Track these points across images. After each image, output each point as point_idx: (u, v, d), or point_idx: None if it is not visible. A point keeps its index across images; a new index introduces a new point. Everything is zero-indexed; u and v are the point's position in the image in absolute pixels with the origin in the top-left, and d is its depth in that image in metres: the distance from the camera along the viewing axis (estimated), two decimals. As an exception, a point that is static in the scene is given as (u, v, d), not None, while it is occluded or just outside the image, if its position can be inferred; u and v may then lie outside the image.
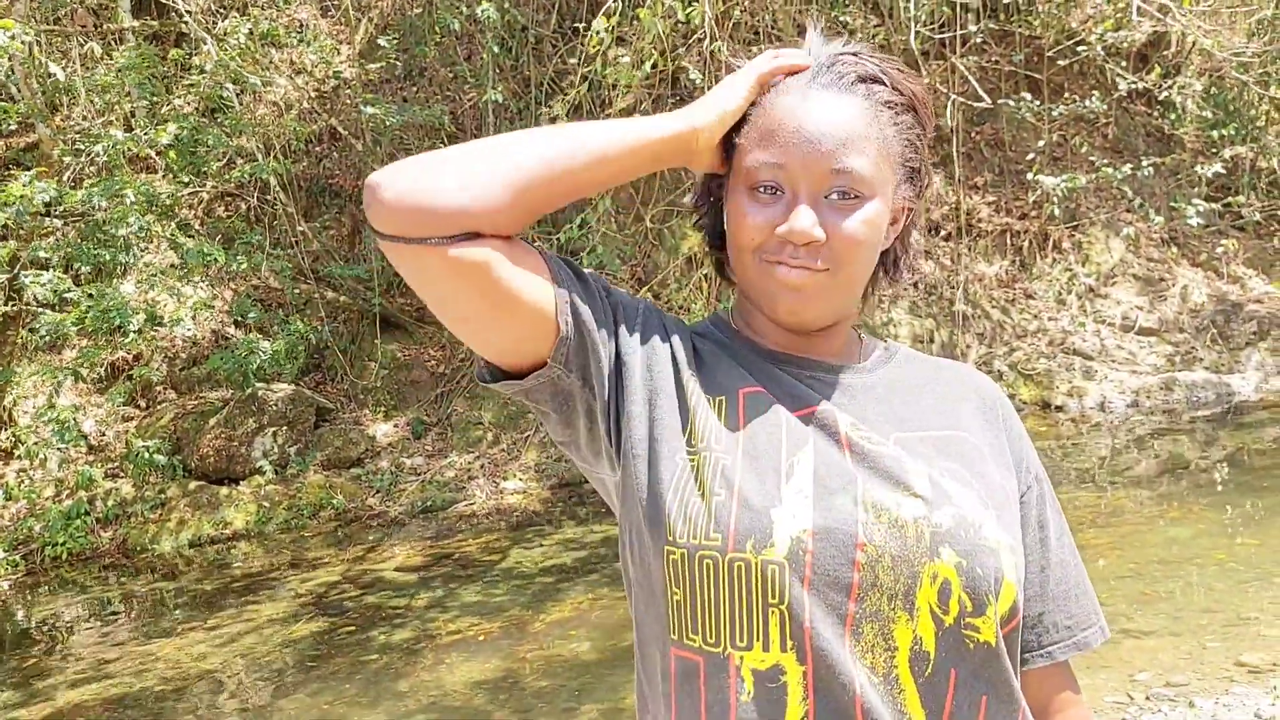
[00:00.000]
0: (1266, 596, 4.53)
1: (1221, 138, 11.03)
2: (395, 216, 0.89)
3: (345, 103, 9.32)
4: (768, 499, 0.90)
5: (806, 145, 0.94)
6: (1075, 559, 1.06)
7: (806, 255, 0.95)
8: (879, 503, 0.91)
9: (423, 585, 5.98)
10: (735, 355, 1.04)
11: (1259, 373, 9.22)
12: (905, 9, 8.53)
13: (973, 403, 1.06)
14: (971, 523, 0.92)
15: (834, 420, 0.98)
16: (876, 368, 1.07)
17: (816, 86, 0.97)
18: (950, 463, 0.98)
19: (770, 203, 0.96)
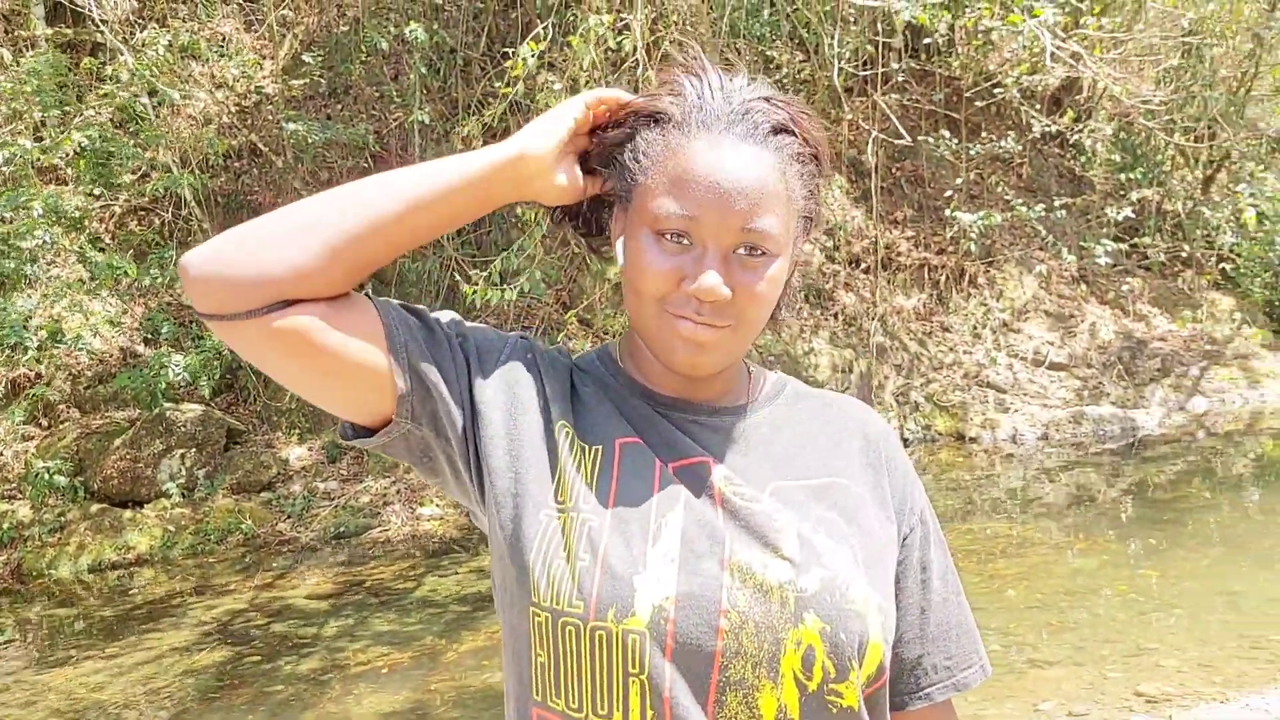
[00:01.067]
0: (1165, 627, 4.66)
1: (1129, 181, 11.46)
2: (209, 293, 0.89)
3: (267, 118, 9.16)
4: (632, 565, 0.89)
5: (721, 201, 0.91)
6: (958, 598, 1.06)
7: (712, 313, 0.93)
8: (745, 566, 0.90)
9: (333, 613, 5.83)
10: (617, 398, 1.02)
11: (1162, 408, 9.54)
12: (830, 46, 8.70)
13: (857, 444, 1.05)
14: (838, 585, 0.91)
15: (709, 475, 0.96)
16: (763, 406, 1.05)
17: (732, 136, 0.94)
18: (828, 512, 0.97)
19: (677, 252, 0.93)
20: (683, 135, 0.95)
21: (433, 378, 0.95)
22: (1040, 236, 10.78)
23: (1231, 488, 7.36)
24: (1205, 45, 11.70)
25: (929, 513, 1.07)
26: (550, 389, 1.00)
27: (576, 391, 1.02)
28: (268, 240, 0.89)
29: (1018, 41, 8.75)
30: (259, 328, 0.89)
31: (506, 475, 0.95)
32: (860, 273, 10.29)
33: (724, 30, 9.25)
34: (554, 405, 0.99)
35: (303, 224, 0.91)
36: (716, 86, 0.97)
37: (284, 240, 0.89)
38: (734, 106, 0.95)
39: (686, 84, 0.98)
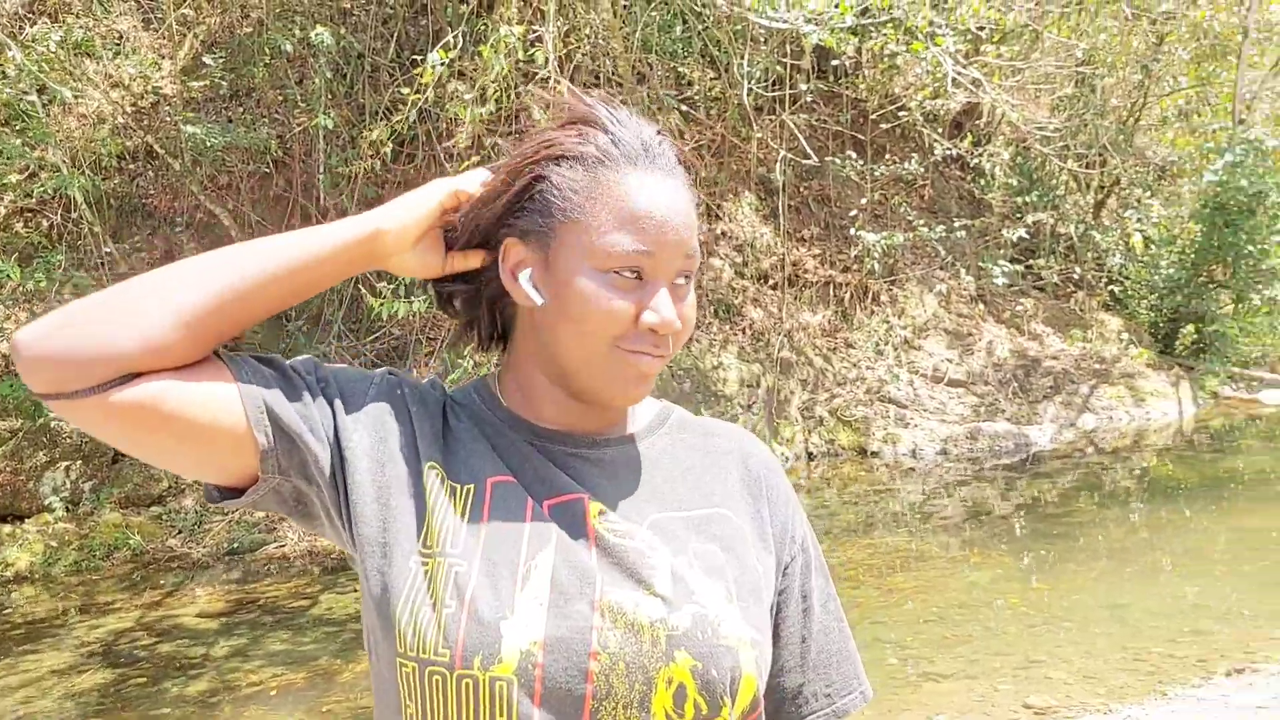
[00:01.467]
0: (1053, 640, 4.80)
1: (1025, 204, 11.86)
2: (46, 372, 0.86)
3: (164, 120, 8.86)
4: (499, 610, 0.87)
5: (670, 233, 0.94)
6: (839, 625, 1.08)
7: (663, 346, 0.95)
8: (616, 605, 0.89)
9: (224, 633, 5.64)
10: (494, 434, 1.00)
11: (1054, 424, 9.87)
12: (740, 65, 8.81)
13: (738, 474, 1.05)
14: (711, 621, 0.91)
15: (584, 511, 0.95)
16: (646, 436, 1.05)
17: (657, 171, 0.96)
18: (707, 544, 0.97)
19: (630, 289, 0.93)
20: (612, 171, 0.95)
21: (296, 428, 0.93)
22: (941, 256, 11.08)
23: (1118, 503, 7.64)
24: (1097, 75, 12.20)
25: (810, 541, 1.08)
26: (420, 428, 0.98)
27: (450, 427, 1.00)
28: (113, 313, 0.87)
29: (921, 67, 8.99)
30: (98, 404, 0.86)
31: (374, 523, 0.93)
32: (768, 289, 10.43)
33: (636, 45, 9.29)
34: (423, 445, 0.97)
35: (152, 296, 0.88)
36: (619, 120, 0.98)
37: (131, 313, 0.87)
38: (646, 141, 0.97)
39: (602, 115, 0.98)
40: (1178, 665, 4.38)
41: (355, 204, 8.90)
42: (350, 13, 9.79)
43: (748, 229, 10.60)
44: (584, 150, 0.96)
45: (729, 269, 10.35)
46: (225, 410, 0.90)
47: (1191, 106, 13.84)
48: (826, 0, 6.71)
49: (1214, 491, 7.69)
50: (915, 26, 7.96)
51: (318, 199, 8.98)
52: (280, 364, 0.97)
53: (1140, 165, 13.49)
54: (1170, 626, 4.88)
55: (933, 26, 8.11)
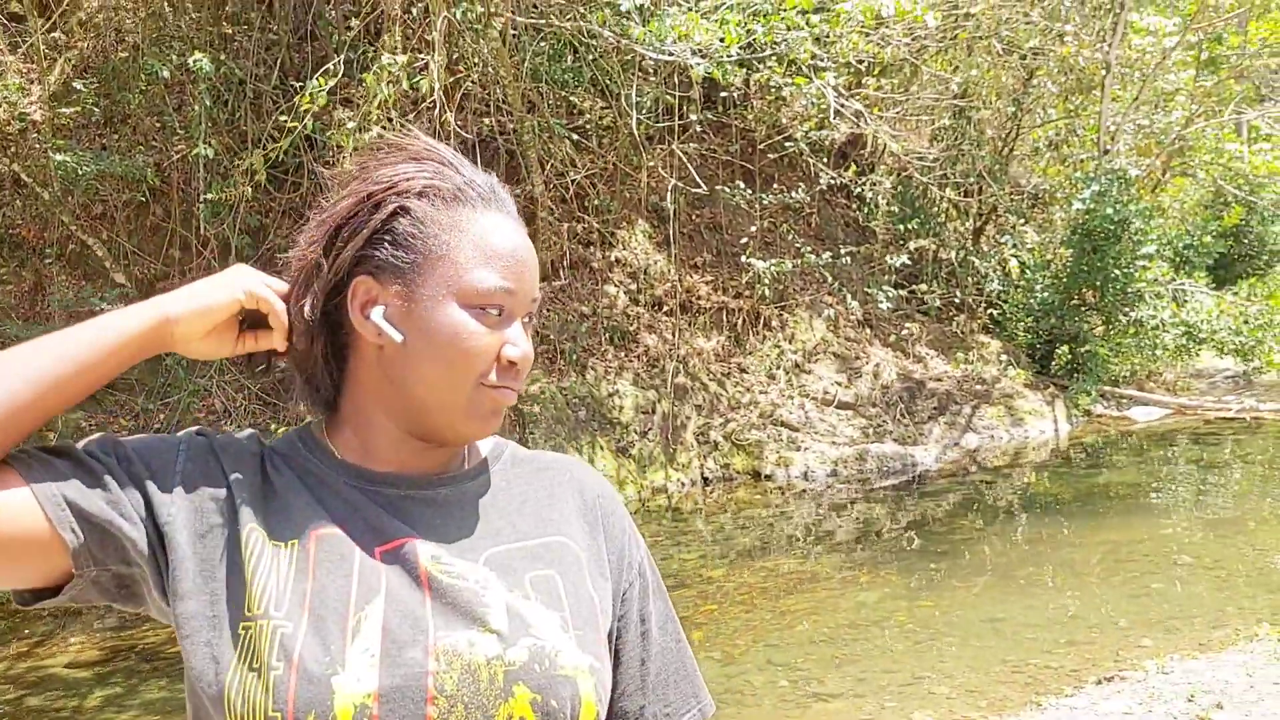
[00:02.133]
0: (938, 655, 4.92)
1: (908, 231, 12.25)
2: None
3: (33, 147, 8.52)
4: (330, 665, 0.85)
5: (528, 273, 0.98)
6: (677, 645, 1.10)
7: (519, 378, 0.99)
8: (451, 648, 0.88)
9: (98, 682, 5.38)
10: (318, 484, 0.98)
11: (938, 445, 10.17)
12: (629, 96, 8.91)
13: (573, 504, 1.07)
14: (548, 653, 0.91)
15: (414, 555, 0.94)
16: (479, 473, 1.05)
17: (505, 214, 0.99)
18: (545, 570, 0.98)
19: (495, 325, 0.96)
20: (467, 208, 0.97)
21: (104, 515, 0.89)
22: (828, 282, 11.35)
23: (1000, 519, 7.90)
24: (972, 108, 12.70)
25: (648, 564, 1.10)
26: (237, 490, 0.95)
27: (270, 483, 0.97)
28: None
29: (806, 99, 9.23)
30: None
31: (201, 597, 0.90)
32: (662, 315, 10.52)
33: (526, 74, 9.31)
34: (241, 508, 0.94)
35: None
36: (466, 164, 1.00)
37: None
38: (493, 185, 1.01)
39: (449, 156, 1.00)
40: (1053, 675, 4.54)
41: (236, 232, 8.67)
42: (232, 38, 9.59)
43: (641, 256, 10.69)
44: (442, 186, 0.97)
45: (623, 296, 10.41)
46: (23, 517, 0.86)
47: (1061, 137, 14.52)
48: (712, 34, 6.84)
49: (1089, 506, 8.02)
50: (798, 60, 8.17)
51: (197, 228, 8.73)
52: (73, 452, 0.92)
53: (1015, 193, 14.08)
54: (1047, 638, 5.05)
55: (815, 60, 8.34)
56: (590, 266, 10.41)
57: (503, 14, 8.21)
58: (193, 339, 0.95)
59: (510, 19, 8.39)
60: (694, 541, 7.59)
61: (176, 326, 0.94)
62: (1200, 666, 4.32)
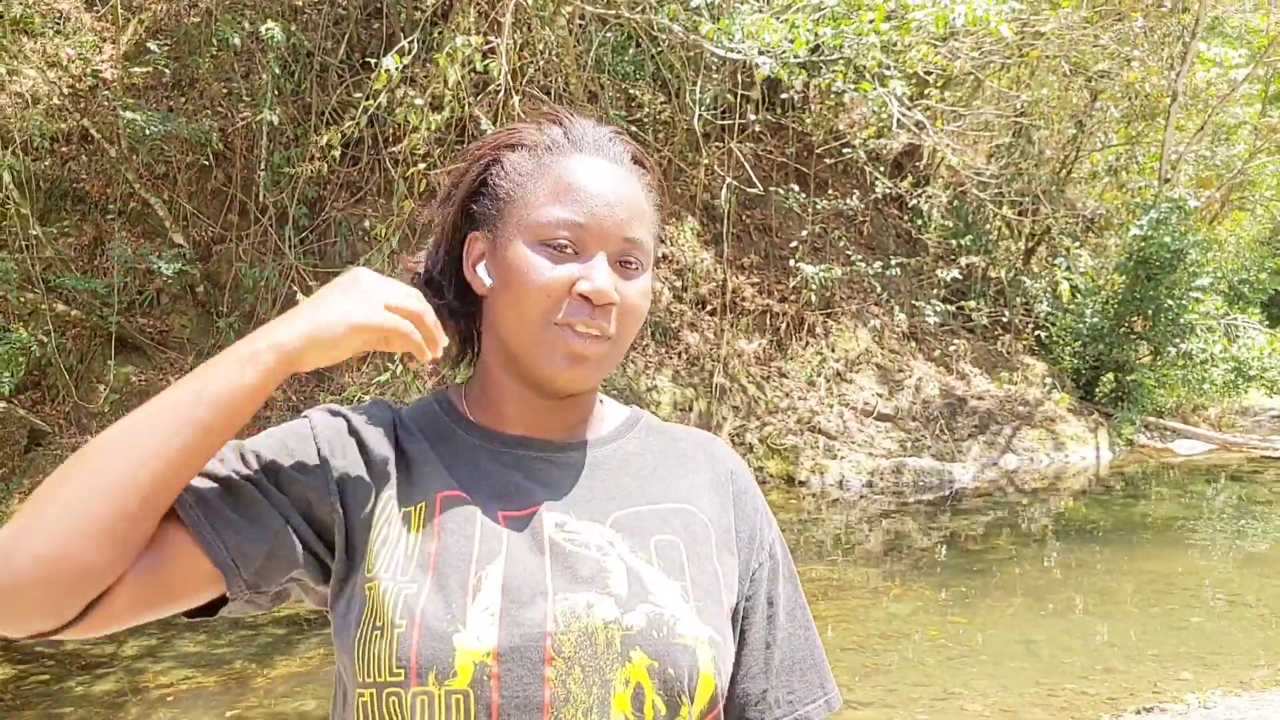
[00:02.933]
0: (970, 673, 4.88)
1: (959, 246, 12.14)
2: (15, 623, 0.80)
3: (102, 104, 8.65)
4: (451, 623, 0.86)
5: (606, 209, 0.95)
6: (806, 633, 1.08)
7: (600, 318, 0.93)
8: (570, 610, 0.89)
9: (133, 632, 5.46)
10: (450, 448, 0.99)
11: (976, 463, 10.09)
12: (691, 91, 8.90)
13: (705, 476, 1.05)
14: (666, 620, 0.91)
15: (540, 519, 0.95)
16: (614, 439, 1.05)
17: (603, 158, 0.98)
18: (672, 535, 0.97)
19: (565, 259, 0.94)
20: (556, 154, 0.98)
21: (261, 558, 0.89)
22: (876, 292, 11.27)
23: (1035, 542, 7.82)
24: (1034, 127, 12.57)
25: (780, 547, 1.08)
26: (369, 458, 0.96)
27: (403, 450, 0.99)
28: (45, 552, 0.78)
29: (867, 106, 9.18)
30: (78, 632, 0.83)
31: (344, 564, 0.93)
32: (706, 314, 10.50)
33: (589, 64, 9.33)
34: (373, 477, 0.95)
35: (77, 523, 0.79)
36: (577, 119, 1.02)
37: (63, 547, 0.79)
38: (597, 135, 1.00)
39: (561, 113, 1.02)
40: (1089, 702, 4.49)
41: (295, 202, 8.76)
42: (302, 10, 9.68)
43: (688, 254, 10.68)
44: (536, 139, 1.00)
45: (668, 292, 10.41)
46: (183, 558, 0.87)
47: (1121, 163, 14.34)
48: (782, 34, 6.82)
49: (1126, 535, 7.92)
50: (865, 66, 8.12)
51: (257, 195, 8.83)
52: (224, 477, 0.91)
53: (1070, 216, 13.93)
54: (1082, 664, 5.00)
55: (882, 68, 8.28)
56: (638, 260, 10.42)
57: (572, 2, 8.23)
58: (321, 364, 0.90)
59: (579, 7, 8.41)
60: (726, 541, 7.58)
61: (301, 365, 0.88)
62: (1243, 704, 4.26)
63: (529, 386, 1.00)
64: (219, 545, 0.87)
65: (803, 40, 7.18)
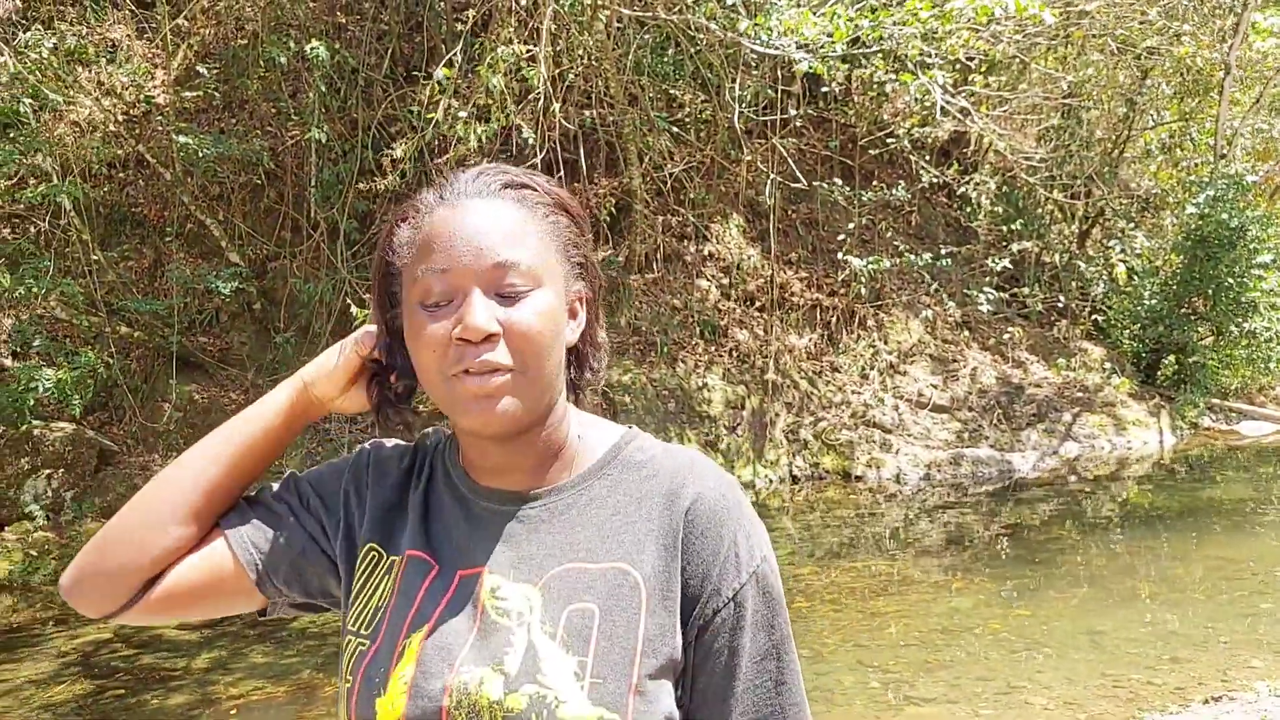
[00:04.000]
0: (1034, 666, 4.83)
1: (1011, 232, 11.97)
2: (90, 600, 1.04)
3: (156, 129, 8.87)
4: (378, 687, 0.95)
5: (466, 246, 0.94)
6: (779, 688, 1.00)
7: (486, 353, 0.93)
8: (464, 685, 0.92)
9: (205, 645, 5.61)
10: (437, 498, 1.07)
11: (1036, 452, 9.94)
12: (731, 89, 8.89)
13: (658, 523, 0.99)
14: (549, 703, 0.90)
15: (479, 584, 0.98)
16: (581, 483, 1.03)
17: (464, 198, 0.98)
18: (588, 603, 0.95)
19: (444, 314, 0.95)
20: (426, 215, 1.00)
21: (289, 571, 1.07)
22: (926, 283, 11.16)
23: (1099, 530, 7.69)
24: (1083, 107, 12.35)
25: (752, 596, 0.99)
26: (370, 509, 1.07)
27: (405, 496, 1.08)
28: (119, 539, 1.03)
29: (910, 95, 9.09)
30: (136, 614, 1.04)
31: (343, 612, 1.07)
32: (755, 311, 10.48)
33: (629, 67, 9.36)
34: (366, 529, 1.07)
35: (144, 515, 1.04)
36: (454, 176, 1.03)
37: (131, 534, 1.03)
38: (466, 178, 1.01)
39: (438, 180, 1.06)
40: (1156, 692, 4.42)
41: (345, 216, 8.91)
42: (345, 27, 9.84)
43: (734, 251, 10.67)
44: (415, 208, 1.02)
45: (715, 290, 10.41)
46: (226, 568, 1.05)
47: (1174, 140, 14.02)
48: (820, 28, 6.78)
49: (1192, 521, 7.76)
50: (906, 55, 8.05)
51: (308, 212, 9.00)
52: (264, 498, 1.10)
53: (1124, 197, 13.66)
54: (1149, 653, 4.92)
55: (923, 55, 8.20)
56: (683, 260, 10.42)
57: (609, 6, 8.27)
58: (333, 393, 1.10)
59: (616, 11, 8.44)
60: (781, 538, 7.57)
61: (313, 388, 1.09)
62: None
63: (461, 431, 1.05)
64: (251, 559, 1.05)
65: (842, 33, 7.14)
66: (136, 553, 1.02)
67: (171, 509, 1.03)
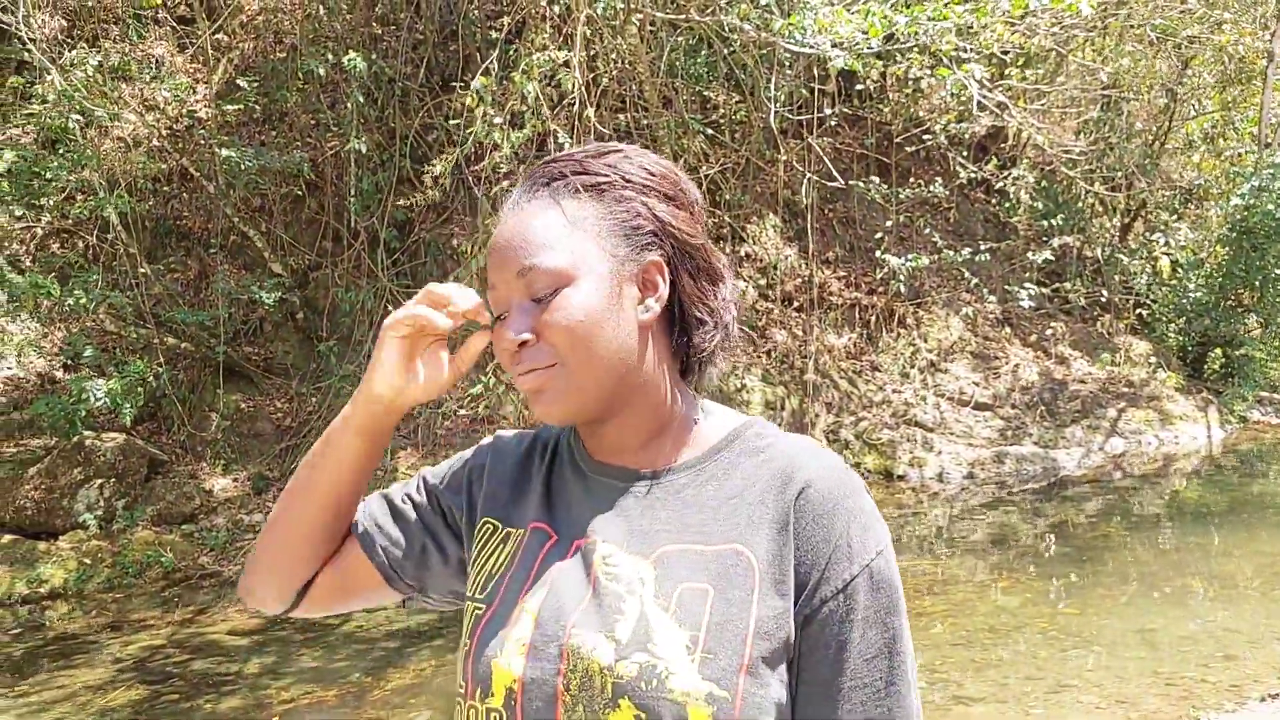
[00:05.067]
0: (1084, 664, 4.78)
1: (1051, 227, 11.84)
2: (262, 606, 1.18)
3: (199, 143, 9.01)
4: (495, 648, 0.98)
5: (500, 260, 1.01)
6: (890, 685, 0.96)
7: (527, 361, 1.00)
8: (578, 649, 0.94)
9: (256, 650, 5.69)
10: (558, 475, 1.11)
11: (1081, 448, 9.82)
12: (766, 89, 8.88)
13: (773, 510, 0.98)
14: (659, 673, 0.90)
15: (593, 553, 1.00)
16: (697, 464, 1.04)
17: (509, 205, 1.05)
18: (701, 583, 0.96)
19: (501, 326, 1.03)
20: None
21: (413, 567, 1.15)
22: (966, 279, 11.07)
23: (1147, 527, 7.59)
24: (1122, 99, 12.19)
25: (861, 588, 0.96)
26: (485, 492, 1.13)
27: (526, 476, 1.13)
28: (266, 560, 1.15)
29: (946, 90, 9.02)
30: (304, 611, 1.18)
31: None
32: (793, 311, 10.45)
33: (662, 70, 9.37)
34: (482, 507, 1.12)
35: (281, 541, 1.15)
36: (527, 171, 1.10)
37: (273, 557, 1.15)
38: (529, 175, 1.05)
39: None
40: (1211, 690, 4.36)
41: (385, 226, 9.00)
42: (381, 38, 9.94)
43: (771, 251, 10.64)
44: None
45: (753, 291, 10.39)
46: (360, 570, 1.16)
47: (1217, 130, 13.81)
48: (855, 26, 6.76)
49: (1243, 516, 7.63)
50: (940, 51, 7.99)
51: (349, 221, 9.10)
52: (392, 499, 1.18)
53: (1167, 188, 13.46)
54: (1202, 651, 4.85)
55: (958, 51, 8.14)
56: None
57: (642, 10, 8.29)
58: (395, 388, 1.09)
59: (649, 14, 8.46)
60: (825, 538, 7.53)
61: (371, 386, 1.10)
62: (1376, 689, 4.08)
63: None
64: (380, 558, 1.14)
65: (876, 30, 7.10)
66: (278, 575, 1.15)
67: (296, 538, 1.14)
